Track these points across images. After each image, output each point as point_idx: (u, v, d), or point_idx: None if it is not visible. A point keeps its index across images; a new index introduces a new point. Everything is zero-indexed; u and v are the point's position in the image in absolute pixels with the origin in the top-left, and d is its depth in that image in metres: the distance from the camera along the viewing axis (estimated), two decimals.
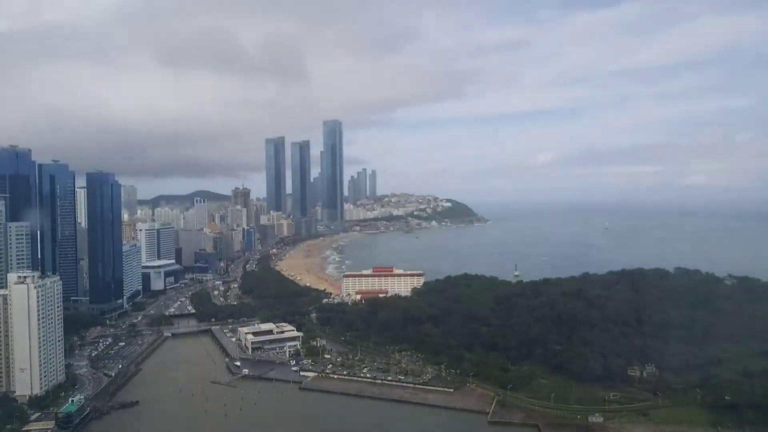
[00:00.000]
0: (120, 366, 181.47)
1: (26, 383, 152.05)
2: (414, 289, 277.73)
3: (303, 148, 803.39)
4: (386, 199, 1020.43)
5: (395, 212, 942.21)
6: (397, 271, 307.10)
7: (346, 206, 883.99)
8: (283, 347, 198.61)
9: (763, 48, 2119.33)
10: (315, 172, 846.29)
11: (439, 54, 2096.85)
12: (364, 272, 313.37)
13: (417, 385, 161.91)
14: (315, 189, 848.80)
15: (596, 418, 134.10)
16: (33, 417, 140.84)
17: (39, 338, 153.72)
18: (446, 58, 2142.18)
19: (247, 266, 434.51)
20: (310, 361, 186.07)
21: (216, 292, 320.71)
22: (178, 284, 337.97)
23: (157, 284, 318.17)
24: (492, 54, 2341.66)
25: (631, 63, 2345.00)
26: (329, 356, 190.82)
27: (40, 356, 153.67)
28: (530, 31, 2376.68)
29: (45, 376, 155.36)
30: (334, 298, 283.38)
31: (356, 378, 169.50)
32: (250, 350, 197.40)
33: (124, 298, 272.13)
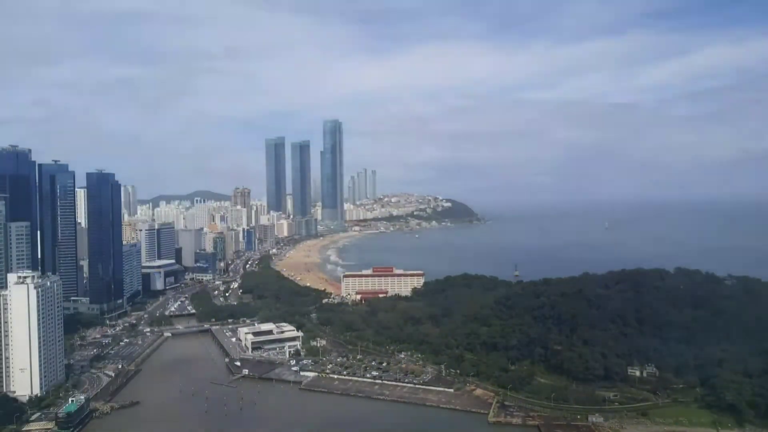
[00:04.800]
0: (120, 366, 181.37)
1: (26, 383, 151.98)
2: (414, 289, 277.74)
3: (303, 148, 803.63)
4: (386, 199, 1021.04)
5: (395, 212, 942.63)
6: (397, 271, 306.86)
7: (346, 206, 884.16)
8: (283, 347, 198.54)
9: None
10: (315, 172, 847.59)
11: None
12: (364, 272, 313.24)
13: (417, 385, 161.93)
14: (315, 189, 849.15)
15: (596, 418, 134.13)
16: (33, 417, 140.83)
17: (39, 338, 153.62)
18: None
19: (247, 266, 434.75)
20: (310, 361, 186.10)
21: (216, 292, 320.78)
22: (178, 284, 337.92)
23: (157, 284, 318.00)
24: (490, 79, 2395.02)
25: (632, 89, 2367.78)
26: (329, 356, 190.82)
27: (40, 356, 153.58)
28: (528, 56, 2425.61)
29: (45, 376, 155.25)
30: (334, 298, 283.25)
31: (356, 378, 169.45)
32: (250, 350, 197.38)
33: (124, 298, 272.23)
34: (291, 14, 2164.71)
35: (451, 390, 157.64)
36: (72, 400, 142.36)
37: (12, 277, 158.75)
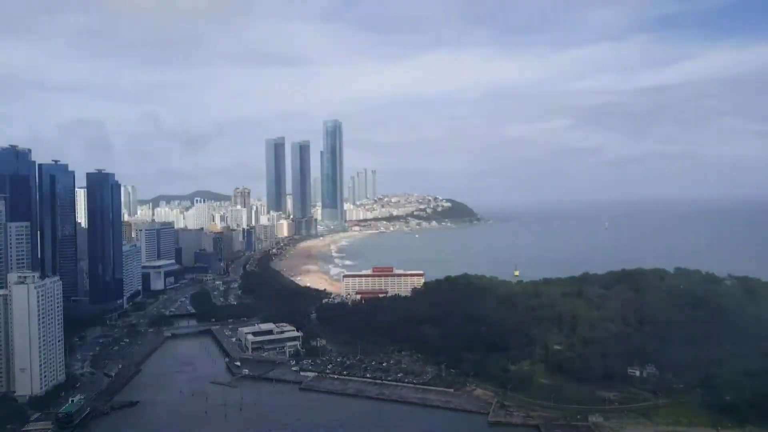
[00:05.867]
0: (120, 366, 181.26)
1: (26, 383, 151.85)
2: (414, 289, 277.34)
3: (303, 148, 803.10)
4: (386, 199, 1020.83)
5: (395, 212, 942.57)
6: (397, 271, 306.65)
7: (346, 206, 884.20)
8: (283, 347, 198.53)
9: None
10: (315, 172, 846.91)
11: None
12: (364, 272, 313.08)
13: (417, 385, 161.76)
14: (315, 189, 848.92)
15: (596, 418, 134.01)
16: (33, 417, 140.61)
17: (39, 338, 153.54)
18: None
19: (247, 266, 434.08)
20: (310, 361, 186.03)
21: (216, 292, 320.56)
22: (178, 284, 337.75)
23: (157, 284, 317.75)
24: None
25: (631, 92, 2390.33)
26: (329, 356, 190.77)
27: (40, 356, 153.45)
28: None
29: (45, 376, 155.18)
30: (334, 298, 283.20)
31: (356, 378, 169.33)
32: (250, 350, 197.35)
33: (124, 298, 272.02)
34: (303, 22, 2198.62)
35: (451, 390, 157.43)
36: (72, 400, 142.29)
37: (12, 277, 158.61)
